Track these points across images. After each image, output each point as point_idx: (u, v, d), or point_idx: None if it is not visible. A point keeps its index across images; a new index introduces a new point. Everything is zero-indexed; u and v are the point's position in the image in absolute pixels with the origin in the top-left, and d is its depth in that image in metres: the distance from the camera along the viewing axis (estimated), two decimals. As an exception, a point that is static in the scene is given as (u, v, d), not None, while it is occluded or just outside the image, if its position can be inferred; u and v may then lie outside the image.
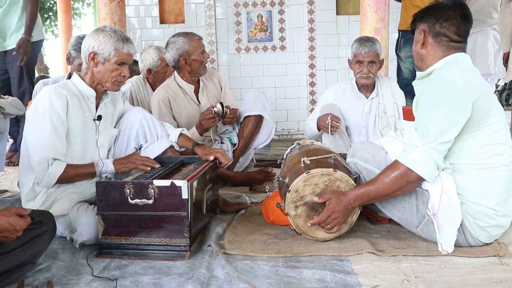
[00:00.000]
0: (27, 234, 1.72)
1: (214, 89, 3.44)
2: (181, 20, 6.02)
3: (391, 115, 3.26)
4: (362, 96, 3.30)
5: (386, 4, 3.65)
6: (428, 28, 2.07)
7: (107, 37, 2.27)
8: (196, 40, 3.19)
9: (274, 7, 5.99)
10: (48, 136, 2.17)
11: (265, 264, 1.90)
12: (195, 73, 3.25)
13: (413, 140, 1.92)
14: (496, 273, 1.77)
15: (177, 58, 3.18)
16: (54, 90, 2.21)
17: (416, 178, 1.90)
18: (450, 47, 2.04)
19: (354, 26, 5.88)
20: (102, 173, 2.32)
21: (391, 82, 3.35)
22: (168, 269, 1.89)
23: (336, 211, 2.02)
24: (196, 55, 3.17)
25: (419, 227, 2.04)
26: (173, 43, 3.18)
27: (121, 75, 2.32)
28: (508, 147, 1.96)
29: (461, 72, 1.93)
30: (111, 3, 3.94)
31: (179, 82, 3.29)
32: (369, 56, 3.13)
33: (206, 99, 3.36)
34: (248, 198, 2.89)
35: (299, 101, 6.08)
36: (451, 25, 2.03)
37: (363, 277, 1.76)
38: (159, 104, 3.23)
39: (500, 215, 1.95)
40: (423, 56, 2.09)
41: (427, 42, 2.08)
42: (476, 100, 1.88)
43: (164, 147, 2.53)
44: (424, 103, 1.93)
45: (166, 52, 3.25)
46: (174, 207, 1.95)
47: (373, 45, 3.15)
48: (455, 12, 2.04)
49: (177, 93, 3.28)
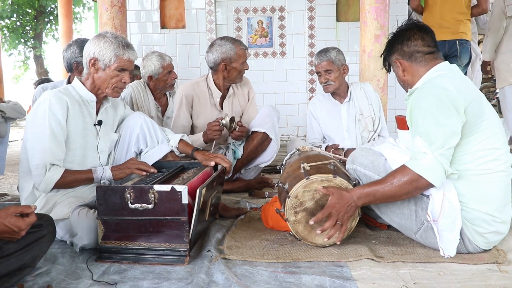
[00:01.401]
0: (27, 237, 1.72)
1: (241, 98, 3.46)
2: (182, 25, 6.05)
3: (368, 115, 3.37)
4: (337, 102, 3.44)
5: (386, 11, 3.67)
6: (400, 55, 2.13)
7: (107, 43, 2.27)
8: (242, 49, 3.21)
9: (275, 13, 6.02)
10: (46, 141, 2.17)
11: (264, 270, 1.90)
12: (230, 80, 3.27)
13: (421, 147, 1.92)
14: (495, 280, 1.77)
15: (218, 62, 3.19)
16: (54, 96, 2.22)
17: (425, 184, 1.91)
18: (428, 60, 2.09)
19: (354, 32, 5.92)
20: (100, 179, 2.31)
21: (364, 86, 3.46)
22: (167, 274, 1.89)
23: (337, 206, 2.01)
24: (238, 64, 3.19)
25: (418, 233, 2.05)
26: (219, 45, 3.19)
27: (121, 81, 2.33)
28: (505, 152, 1.98)
29: (452, 80, 1.96)
30: (112, 8, 3.95)
31: (209, 83, 3.31)
32: (323, 66, 3.28)
33: (230, 107, 3.37)
34: (247, 203, 2.90)
35: (299, 107, 6.10)
36: (415, 40, 2.10)
37: (362, 283, 1.77)
38: (182, 99, 3.26)
39: (499, 221, 1.96)
40: (409, 81, 2.14)
41: (405, 67, 2.13)
42: (468, 105, 1.90)
43: (164, 152, 2.53)
44: (420, 112, 1.94)
45: (209, 52, 3.24)
46: (174, 212, 1.95)
47: (326, 55, 3.28)
48: (412, 30, 2.13)
49: (203, 94, 3.30)
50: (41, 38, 15.48)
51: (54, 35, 15.92)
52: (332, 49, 3.31)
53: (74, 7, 13.63)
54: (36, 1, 14.29)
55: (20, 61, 16.40)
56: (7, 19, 14.51)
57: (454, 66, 2.09)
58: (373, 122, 3.36)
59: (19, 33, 14.91)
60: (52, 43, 16.09)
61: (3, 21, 14.42)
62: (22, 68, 16.79)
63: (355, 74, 5.60)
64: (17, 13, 14.70)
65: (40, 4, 14.33)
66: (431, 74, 2.05)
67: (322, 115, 3.46)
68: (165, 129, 2.66)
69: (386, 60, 2.23)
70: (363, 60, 3.75)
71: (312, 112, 3.51)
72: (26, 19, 15.06)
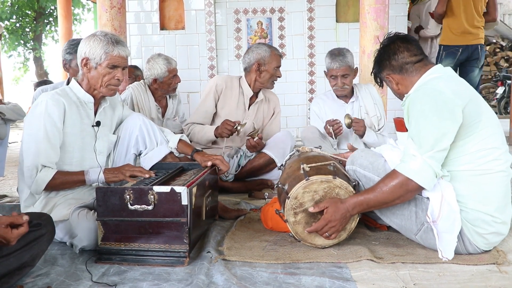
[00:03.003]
0: (27, 236, 1.72)
1: (266, 110, 3.54)
2: (182, 26, 6.05)
3: (373, 115, 3.39)
4: (342, 102, 3.46)
5: (385, 12, 3.67)
6: (390, 70, 2.14)
7: (97, 42, 2.25)
8: (277, 55, 3.32)
9: (274, 14, 6.02)
10: (40, 143, 2.16)
11: (264, 271, 1.90)
12: (261, 83, 3.34)
13: (410, 150, 1.93)
14: (495, 280, 1.77)
15: (252, 62, 3.29)
16: (51, 98, 2.21)
17: (415, 187, 1.91)
18: (418, 68, 2.09)
19: (353, 33, 5.91)
20: (92, 181, 2.27)
21: (369, 87, 3.49)
22: (167, 275, 1.89)
23: (333, 219, 2.02)
24: (270, 67, 3.29)
25: (418, 234, 2.05)
26: (256, 47, 3.32)
27: (114, 79, 2.29)
28: (504, 151, 1.98)
29: (447, 82, 1.97)
30: (111, 9, 3.95)
31: (242, 83, 3.40)
32: (341, 70, 3.28)
33: (254, 112, 3.46)
34: (247, 204, 2.90)
35: (298, 108, 6.10)
36: (401, 53, 2.11)
37: (362, 284, 1.77)
38: (212, 86, 3.37)
39: (499, 222, 1.96)
40: (404, 91, 2.15)
41: (398, 80, 2.14)
42: (465, 105, 1.90)
43: (163, 154, 2.53)
44: (415, 114, 1.95)
45: (245, 54, 3.36)
46: (173, 213, 1.95)
47: (344, 59, 3.27)
48: (395, 42, 2.13)
49: (234, 88, 3.39)
50: (40, 39, 15.48)
51: (53, 36, 15.93)
52: (347, 52, 3.32)
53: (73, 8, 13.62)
54: (35, 3, 14.29)
55: (20, 62, 16.41)
56: (7, 20, 14.51)
57: (448, 69, 2.10)
58: (378, 121, 3.40)
59: (18, 34, 14.91)
60: (51, 44, 16.12)
61: (2, 22, 14.42)
62: (22, 69, 16.79)
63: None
64: (17, 15, 14.71)
65: (40, 5, 14.33)
66: (425, 78, 2.06)
67: (326, 114, 3.46)
68: (164, 129, 2.65)
69: (377, 77, 2.24)
70: (363, 61, 3.75)
71: (316, 112, 3.51)
72: (26, 20, 15.07)
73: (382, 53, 2.16)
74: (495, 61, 11.13)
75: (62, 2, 8.21)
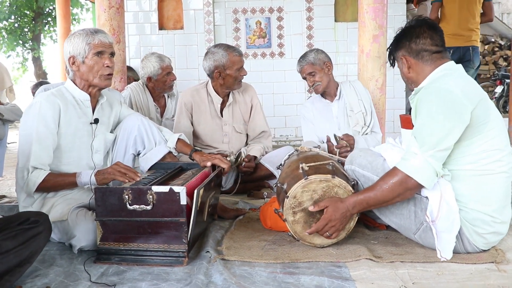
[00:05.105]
0: (24, 234, 1.74)
1: (243, 106, 3.44)
2: (180, 26, 6.05)
3: (358, 111, 3.37)
4: (328, 102, 3.45)
5: (384, 11, 3.66)
6: (406, 52, 2.10)
7: (77, 37, 2.28)
8: (236, 56, 3.18)
9: (273, 14, 6.02)
10: (32, 144, 2.17)
11: (263, 270, 1.90)
12: (228, 87, 3.27)
13: (411, 148, 1.92)
14: (494, 279, 1.77)
15: (212, 69, 3.19)
16: (46, 99, 2.21)
17: (415, 185, 1.91)
18: (434, 59, 2.07)
19: (352, 33, 5.92)
20: (84, 184, 2.23)
21: (354, 83, 3.49)
22: (166, 275, 1.89)
23: (333, 219, 2.02)
24: (232, 71, 3.17)
25: (417, 233, 2.05)
26: (212, 53, 3.19)
27: (104, 66, 2.29)
28: (507, 153, 1.97)
29: (457, 81, 1.95)
30: (110, 9, 3.94)
31: (209, 90, 3.33)
32: (305, 70, 3.32)
33: (230, 115, 3.37)
34: (246, 204, 2.90)
35: (297, 107, 6.10)
36: (424, 38, 2.07)
37: (361, 283, 1.77)
38: (181, 106, 3.31)
39: (498, 222, 1.96)
40: (413, 78, 2.12)
41: (411, 64, 2.11)
42: (475, 107, 1.89)
43: (162, 154, 2.53)
44: (421, 112, 1.94)
45: (204, 60, 3.26)
46: (172, 213, 1.95)
47: (304, 59, 3.31)
48: (422, 27, 2.09)
49: (203, 101, 3.31)
50: (39, 39, 15.44)
51: (52, 36, 15.89)
52: (309, 52, 3.35)
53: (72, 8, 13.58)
54: (34, 3, 14.26)
55: (19, 63, 16.37)
56: (5, 20, 14.48)
57: (460, 67, 2.07)
58: (364, 117, 3.37)
59: (17, 34, 14.87)
60: (50, 44, 16.10)
61: (1, 22, 14.39)
62: (21, 70, 16.76)
63: (354, 74, 5.60)
64: (15, 15, 14.67)
65: (38, 5, 14.30)
66: (437, 73, 2.04)
67: (315, 116, 3.46)
68: (162, 128, 2.64)
69: (392, 54, 2.20)
70: (362, 60, 3.74)
71: (305, 115, 3.51)
72: (24, 20, 15.03)
73: (405, 33, 2.12)
74: (494, 60, 11.14)
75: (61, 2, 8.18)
